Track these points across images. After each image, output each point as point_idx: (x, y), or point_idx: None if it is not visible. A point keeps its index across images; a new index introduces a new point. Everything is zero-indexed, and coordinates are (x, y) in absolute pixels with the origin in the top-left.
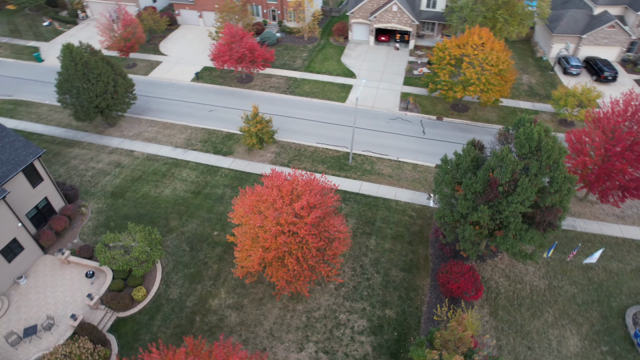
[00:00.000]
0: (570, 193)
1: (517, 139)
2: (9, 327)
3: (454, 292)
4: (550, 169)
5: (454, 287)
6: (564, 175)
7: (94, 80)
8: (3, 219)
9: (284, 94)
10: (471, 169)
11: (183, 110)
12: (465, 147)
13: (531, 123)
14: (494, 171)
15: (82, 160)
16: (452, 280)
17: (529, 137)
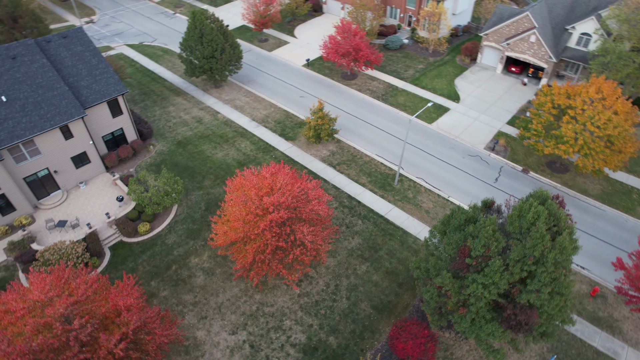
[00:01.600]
0: (562, 303)
1: (511, 212)
2: (53, 215)
3: (398, 352)
4: (533, 262)
5: (399, 346)
6: (552, 277)
7: (205, 44)
8: (79, 134)
9: (376, 100)
10: (461, 229)
11: (279, 89)
12: (472, 205)
13: (545, 200)
14: (472, 239)
15: (177, 108)
16: (401, 338)
17: (522, 215)
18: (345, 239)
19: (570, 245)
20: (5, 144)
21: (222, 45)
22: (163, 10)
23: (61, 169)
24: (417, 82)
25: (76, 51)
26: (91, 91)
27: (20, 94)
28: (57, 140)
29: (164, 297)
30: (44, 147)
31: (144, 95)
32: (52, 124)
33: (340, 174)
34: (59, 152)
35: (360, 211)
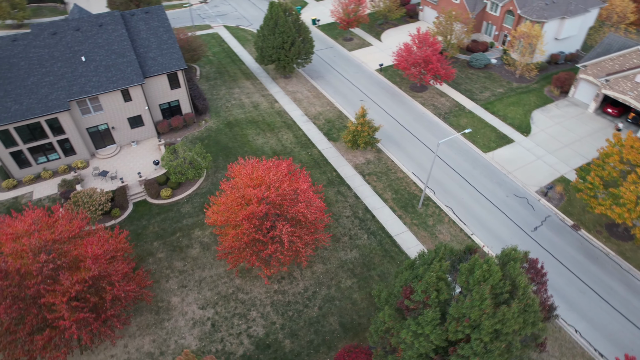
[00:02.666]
0: None
1: (463, 264)
2: (102, 165)
3: None
4: (469, 325)
5: None
6: (487, 348)
7: (277, 34)
8: (137, 99)
9: (436, 117)
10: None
11: (343, 89)
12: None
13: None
14: (417, 281)
15: (241, 91)
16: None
17: (470, 270)
18: (342, 250)
19: (521, 319)
20: (76, 96)
21: (293, 38)
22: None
23: (118, 126)
24: (488, 106)
25: (152, 26)
26: (155, 63)
27: (97, 56)
28: (117, 101)
29: (159, 258)
30: (106, 105)
31: (218, 74)
32: (115, 86)
33: (366, 184)
34: (118, 111)
35: (370, 226)
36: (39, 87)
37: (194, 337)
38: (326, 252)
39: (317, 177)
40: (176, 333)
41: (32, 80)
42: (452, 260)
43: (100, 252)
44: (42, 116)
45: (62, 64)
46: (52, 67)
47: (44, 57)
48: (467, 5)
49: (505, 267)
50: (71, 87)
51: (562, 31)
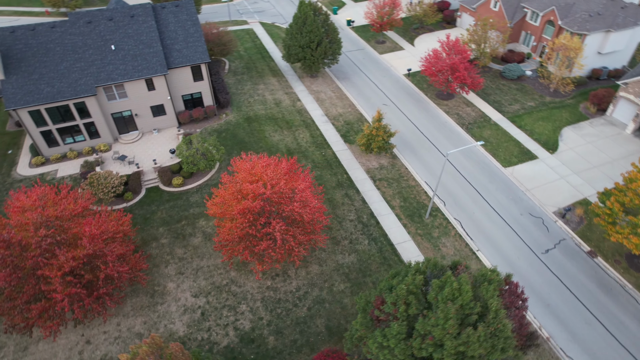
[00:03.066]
0: None
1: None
2: (122, 149)
3: None
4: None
5: None
6: None
7: (304, 33)
8: (160, 88)
9: (459, 126)
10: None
11: (367, 92)
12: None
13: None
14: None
15: (266, 87)
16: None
17: (441, 287)
18: (340, 253)
19: (489, 344)
20: (103, 83)
21: (320, 38)
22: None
23: (141, 113)
24: (516, 119)
25: (181, 19)
26: (180, 55)
27: (126, 46)
28: (141, 89)
29: (162, 244)
30: (131, 93)
31: (246, 69)
32: (140, 75)
33: (376, 189)
34: (141, 99)
35: (373, 232)
36: (70, 72)
37: (183, 324)
38: (324, 253)
39: (327, 178)
40: (167, 317)
41: (64, 65)
42: (436, 275)
43: (97, 232)
44: (71, 99)
45: (93, 52)
46: (83, 54)
47: (78, 44)
48: (505, 14)
49: (479, 287)
50: (99, 73)
51: (607, 45)
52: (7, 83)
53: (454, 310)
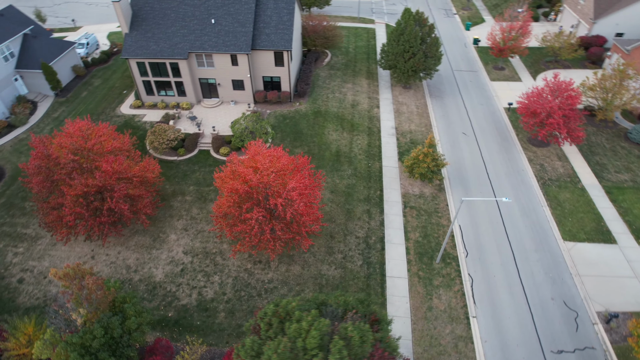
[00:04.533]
0: None
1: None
2: (201, 112)
3: None
4: None
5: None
6: None
7: (401, 42)
8: (242, 65)
9: (535, 180)
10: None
11: (453, 117)
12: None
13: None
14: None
15: (353, 87)
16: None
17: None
18: (327, 264)
19: None
20: (195, 50)
21: (415, 50)
22: (449, 7)
23: (223, 84)
24: (614, 190)
25: (279, 6)
26: (268, 39)
27: (224, 22)
28: (226, 63)
29: (185, 200)
30: (217, 64)
31: (344, 65)
32: (227, 49)
33: (401, 216)
34: (225, 72)
35: (372, 256)
36: (174, 36)
37: (163, 272)
38: (312, 258)
39: (358, 189)
40: (154, 262)
41: (172, 30)
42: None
43: (110, 170)
44: (167, 59)
45: (197, 22)
46: (189, 22)
47: (187, 13)
48: None
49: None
50: (195, 41)
51: None
52: (129, 37)
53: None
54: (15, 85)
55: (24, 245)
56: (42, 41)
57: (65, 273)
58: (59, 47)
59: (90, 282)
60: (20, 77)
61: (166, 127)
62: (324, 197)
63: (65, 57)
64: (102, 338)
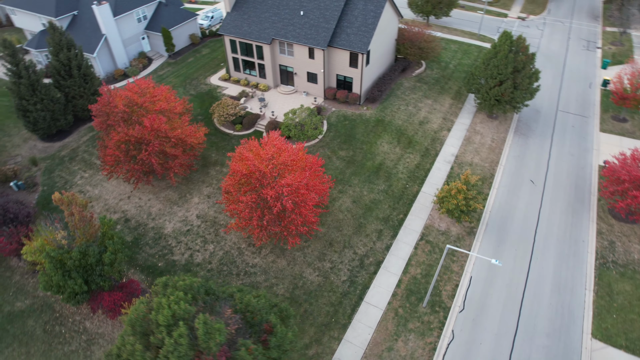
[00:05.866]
0: None
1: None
2: (274, 96)
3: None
4: None
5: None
6: None
7: (489, 67)
8: (318, 60)
9: (590, 256)
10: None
11: (530, 160)
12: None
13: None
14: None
15: (432, 104)
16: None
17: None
18: (312, 268)
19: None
20: (279, 37)
21: (503, 77)
22: (594, 39)
23: (299, 74)
24: None
25: (367, 8)
26: (347, 38)
27: (311, 15)
28: (304, 55)
29: (220, 171)
30: (297, 54)
31: (434, 80)
32: (306, 42)
33: (412, 247)
34: (302, 63)
35: (359, 276)
36: (264, 21)
37: (172, 227)
38: (301, 258)
39: (381, 207)
40: (170, 216)
41: (265, 15)
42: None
43: (149, 127)
44: (254, 41)
45: (288, 12)
46: (281, 10)
47: (283, 2)
48: None
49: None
50: (281, 29)
51: None
52: (228, 16)
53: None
54: (141, 43)
55: (90, 172)
56: (170, 10)
57: (59, 198)
58: (183, 17)
59: (76, 211)
60: (146, 37)
61: (230, 102)
62: (343, 205)
63: (185, 25)
64: (77, 261)
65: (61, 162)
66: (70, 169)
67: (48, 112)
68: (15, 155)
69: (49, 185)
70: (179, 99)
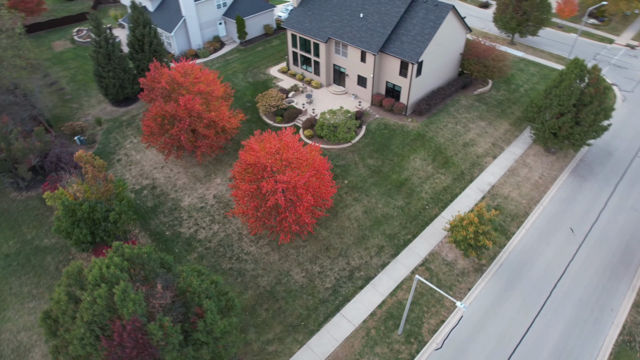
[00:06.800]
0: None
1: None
2: (322, 94)
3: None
4: None
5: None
6: None
7: (549, 96)
8: (368, 64)
9: (616, 333)
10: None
11: (578, 205)
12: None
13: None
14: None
15: (484, 128)
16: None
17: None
18: (301, 269)
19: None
20: (336, 37)
21: (564, 110)
22: None
23: (350, 76)
24: None
25: (428, 18)
26: (400, 46)
27: (370, 18)
28: (356, 57)
29: None
30: (350, 55)
31: (496, 102)
32: (359, 44)
33: (409, 271)
34: (354, 65)
35: (344, 289)
36: (325, 20)
37: (188, 201)
38: (294, 255)
39: (391, 223)
40: (190, 191)
41: (327, 14)
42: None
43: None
44: (312, 38)
45: (349, 12)
46: (342, 11)
47: (346, 3)
48: None
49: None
50: (338, 29)
51: None
52: (294, 11)
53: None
54: (218, 28)
55: (139, 138)
56: (249, 0)
57: (79, 155)
58: (260, 7)
59: (89, 170)
60: (223, 22)
61: (274, 93)
62: (352, 213)
63: (261, 16)
64: (86, 213)
65: (120, 125)
66: (125, 133)
67: (118, 80)
68: (87, 114)
69: (104, 144)
70: (221, 84)
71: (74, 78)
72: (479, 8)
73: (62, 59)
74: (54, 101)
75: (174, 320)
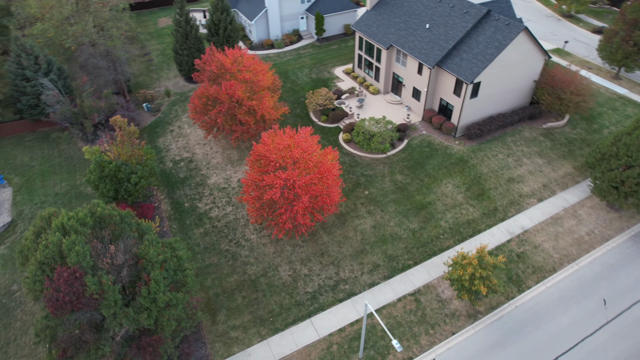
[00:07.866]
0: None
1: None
2: (375, 102)
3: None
4: None
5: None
6: None
7: (619, 146)
8: (424, 77)
9: None
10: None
11: (622, 275)
12: None
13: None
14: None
15: (540, 165)
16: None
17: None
18: (290, 267)
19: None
20: (396, 45)
21: (632, 162)
22: None
23: (407, 87)
24: None
25: (494, 37)
26: (459, 63)
27: (435, 30)
28: (414, 68)
29: None
30: (408, 65)
31: (567, 140)
32: (417, 55)
33: (395, 298)
34: (411, 76)
35: (324, 296)
36: (391, 27)
37: (215, 181)
38: (288, 252)
39: (396, 246)
40: (221, 172)
41: (394, 21)
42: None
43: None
44: (376, 43)
45: (416, 22)
46: (410, 19)
47: (415, 11)
48: None
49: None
50: (401, 37)
51: None
52: (366, 14)
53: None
54: (299, 22)
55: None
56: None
57: (114, 120)
58: (342, 6)
59: (119, 134)
60: (305, 17)
61: (323, 92)
62: (360, 225)
63: (342, 15)
64: (111, 171)
65: (185, 100)
66: (185, 108)
67: (191, 58)
68: (161, 85)
69: (165, 114)
70: (271, 76)
71: (164, 52)
72: (591, 33)
73: (161, 34)
74: (140, 70)
75: (118, 280)
